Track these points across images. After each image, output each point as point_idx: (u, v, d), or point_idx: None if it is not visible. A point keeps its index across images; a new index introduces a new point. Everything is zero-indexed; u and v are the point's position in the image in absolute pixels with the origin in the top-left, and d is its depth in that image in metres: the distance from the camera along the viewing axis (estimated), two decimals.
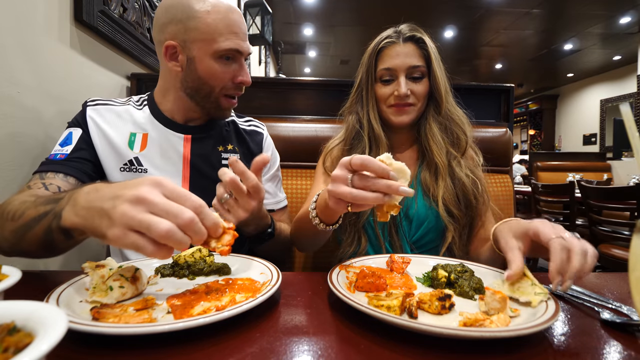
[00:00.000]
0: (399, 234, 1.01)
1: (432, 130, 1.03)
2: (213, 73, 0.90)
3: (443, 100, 1.02)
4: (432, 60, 0.99)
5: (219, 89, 0.92)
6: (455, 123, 1.06)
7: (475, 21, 6.03)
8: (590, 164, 5.22)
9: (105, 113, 0.96)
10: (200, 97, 0.94)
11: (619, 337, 0.48)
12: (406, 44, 1.00)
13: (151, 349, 0.43)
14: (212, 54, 0.88)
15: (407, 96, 0.99)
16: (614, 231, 2.55)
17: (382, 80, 1.02)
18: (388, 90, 1.01)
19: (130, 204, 0.46)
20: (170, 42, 0.88)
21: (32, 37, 1.02)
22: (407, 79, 1.00)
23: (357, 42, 7.11)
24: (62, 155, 0.88)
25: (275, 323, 0.50)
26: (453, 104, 1.07)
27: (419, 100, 1.01)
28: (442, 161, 1.01)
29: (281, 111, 1.67)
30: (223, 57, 0.90)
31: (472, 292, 0.60)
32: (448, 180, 1.01)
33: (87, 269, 0.58)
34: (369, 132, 1.05)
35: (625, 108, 0.40)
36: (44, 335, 0.28)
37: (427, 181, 1.03)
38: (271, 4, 4.18)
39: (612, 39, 6.84)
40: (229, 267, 0.70)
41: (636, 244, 0.39)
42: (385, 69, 1.00)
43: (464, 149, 1.05)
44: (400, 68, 0.99)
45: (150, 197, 0.47)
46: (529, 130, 11.69)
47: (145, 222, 0.45)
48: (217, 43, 0.87)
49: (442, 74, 1.02)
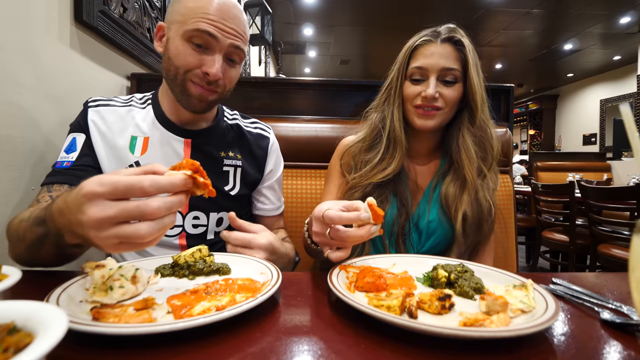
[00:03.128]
0: (406, 244, 0.99)
1: (466, 142, 0.97)
2: (178, 53, 0.85)
3: (479, 109, 0.96)
4: (470, 65, 0.93)
5: (184, 70, 0.86)
6: (487, 137, 1.00)
7: (475, 21, 6.03)
8: (590, 164, 5.22)
9: (106, 115, 0.94)
10: (169, 81, 0.90)
11: (619, 337, 0.48)
12: (443, 44, 0.94)
13: (151, 349, 0.43)
14: (181, 35, 0.84)
15: (434, 99, 0.93)
16: (614, 231, 2.55)
17: (412, 79, 0.97)
18: (416, 90, 0.96)
19: (97, 230, 0.46)
20: (161, 23, 0.89)
21: (32, 37, 1.02)
22: (439, 81, 0.94)
23: (357, 42, 7.12)
24: (67, 162, 0.87)
25: (275, 323, 0.50)
26: (488, 116, 1.01)
27: (447, 105, 0.95)
28: (472, 176, 0.96)
29: (281, 111, 1.67)
30: (192, 42, 0.84)
31: (472, 292, 0.60)
32: (473, 196, 0.97)
33: (87, 269, 0.57)
34: (390, 132, 1.00)
35: (625, 108, 0.40)
36: (44, 335, 0.29)
37: (450, 194, 0.98)
38: (271, 4, 4.19)
39: (612, 39, 6.84)
40: (229, 267, 0.70)
41: (636, 244, 0.39)
42: (416, 67, 0.95)
43: (489, 166, 1.00)
44: (432, 68, 0.93)
45: (103, 214, 0.45)
46: (529, 130, 11.68)
47: (123, 236, 0.46)
48: (187, 24, 0.83)
49: (480, 82, 0.96)
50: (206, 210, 0.97)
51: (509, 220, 1.36)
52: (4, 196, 0.94)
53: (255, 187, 1.07)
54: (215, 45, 0.85)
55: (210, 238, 0.99)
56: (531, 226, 3.82)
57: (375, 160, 1.00)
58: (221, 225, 1.00)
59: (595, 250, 2.62)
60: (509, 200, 1.38)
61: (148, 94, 1.02)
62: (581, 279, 0.72)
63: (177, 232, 0.95)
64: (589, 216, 2.67)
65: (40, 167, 1.05)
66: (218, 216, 0.99)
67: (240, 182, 1.02)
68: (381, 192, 0.99)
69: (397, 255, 0.80)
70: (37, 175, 1.04)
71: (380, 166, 0.99)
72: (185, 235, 0.95)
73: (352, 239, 0.64)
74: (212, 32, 0.83)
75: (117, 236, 0.46)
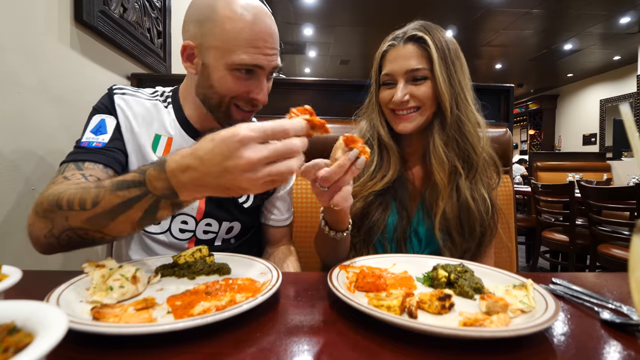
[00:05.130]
0: (407, 250, 0.98)
1: (435, 144, 0.93)
2: (225, 84, 0.83)
3: (447, 108, 0.90)
4: (434, 61, 0.89)
5: (229, 98, 0.84)
6: (466, 134, 0.93)
7: (475, 21, 6.03)
8: (590, 164, 5.21)
9: (134, 105, 0.90)
10: (210, 105, 0.87)
11: (619, 337, 0.48)
12: (406, 45, 0.92)
13: (151, 349, 0.43)
14: (226, 66, 0.81)
15: (403, 103, 0.91)
16: (614, 231, 2.55)
17: (384, 84, 0.96)
18: (389, 95, 0.94)
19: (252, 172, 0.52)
20: (189, 42, 0.83)
21: (33, 38, 1.02)
22: (409, 83, 0.92)
23: (357, 42, 7.12)
24: (98, 143, 0.83)
25: (275, 323, 0.50)
26: (467, 111, 0.93)
27: (423, 103, 0.92)
28: (441, 180, 0.92)
29: (281, 111, 1.66)
30: (240, 70, 0.82)
31: (472, 292, 0.60)
32: (451, 201, 0.93)
33: (87, 268, 0.58)
34: (378, 139, 0.98)
35: (625, 108, 0.40)
36: (44, 335, 0.28)
37: (428, 200, 0.97)
38: (271, 4, 4.18)
39: (612, 39, 6.84)
40: (229, 267, 0.70)
41: (636, 244, 0.39)
42: (385, 74, 0.95)
43: (475, 168, 0.94)
44: (398, 72, 0.92)
45: (255, 156, 0.51)
46: (528, 130, 11.68)
47: (276, 173, 0.53)
48: (233, 54, 0.79)
49: (450, 77, 0.91)
50: (219, 218, 0.96)
51: (509, 220, 1.36)
52: (3, 196, 0.94)
53: (268, 197, 1.05)
54: (261, 72, 0.84)
55: (217, 244, 0.98)
56: (531, 226, 3.82)
57: (372, 167, 0.98)
58: (230, 233, 1.00)
59: (595, 250, 2.62)
60: (508, 200, 1.38)
61: (168, 91, 0.98)
62: (581, 279, 0.72)
63: (188, 236, 0.94)
64: (589, 216, 2.67)
65: (40, 167, 1.05)
66: (229, 225, 0.98)
67: (254, 194, 1.00)
68: (382, 199, 0.97)
69: (397, 255, 0.80)
70: (37, 175, 1.04)
71: (379, 174, 0.97)
72: (195, 240, 0.95)
73: (336, 173, 0.65)
74: (262, 64, 0.81)
75: (271, 174, 0.53)
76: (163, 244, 0.93)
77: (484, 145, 0.96)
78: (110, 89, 0.91)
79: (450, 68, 0.91)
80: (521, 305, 0.53)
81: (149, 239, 0.93)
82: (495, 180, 1.01)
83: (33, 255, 0.71)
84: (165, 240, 0.93)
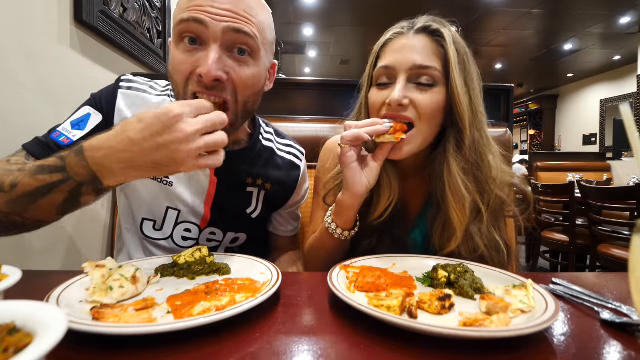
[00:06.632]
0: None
1: (451, 171, 0.73)
2: (172, 63, 0.73)
3: (466, 127, 0.72)
4: (451, 62, 0.71)
5: (183, 82, 0.72)
6: (485, 165, 0.75)
7: (475, 21, 6.02)
8: (590, 164, 5.22)
9: (137, 103, 0.84)
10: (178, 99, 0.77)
11: (619, 337, 0.48)
12: (417, 35, 0.74)
13: (151, 349, 0.43)
14: (174, 39, 0.71)
15: (401, 106, 0.71)
16: (614, 231, 2.55)
17: (378, 84, 0.77)
18: (382, 97, 0.74)
19: (188, 143, 0.55)
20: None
21: (32, 38, 1.02)
22: (411, 84, 0.73)
23: (357, 42, 7.11)
24: (66, 139, 0.76)
25: (275, 323, 0.50)
26: (486, 134, 0.76)
27: (421, 118, 0.72)
28: (460, 220, 0.72)
29: (281, 111, 1.67)
30: (184, 41, 0.70)
31: (472, 292, 0.60)
32: (466, 246, 0.76)
33: (87, 269, 0.57)
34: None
35: (625, 108, 0.41)
36: (44, 335, 0.28)
37: (434, 234, 0.79)
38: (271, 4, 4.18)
39: (612, 39, 6.83)
40: (229, 267, 0.70)
41: (636, 244, 0.39)
42: (383, 66, 0.74)
43: (487, 203, 0.75)
44: (401, 65, 0.72)
45: (190, 128, 0.55)
46: (528, 130, 11.68)
47: (210, 143, 0.57)
48: (176, 21, 0.71)
49: (469, 85, 0.73)
50: (224, 229, 0.94)
51: (509, 220, 1.36)
52: None
53: (277, 209, 1.03)
54: (207, 35, 0.68)
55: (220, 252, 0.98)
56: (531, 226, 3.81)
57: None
58: (235, 243, 0.98)
59: (595, 250, 2.62)
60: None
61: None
62: (581, 279, 0.72)
63: (191, 244, 0.92)
64: (589, 216, 2.67)
65: None
66: (234, 236, 0.96)
67: (262, 205, 0.97)
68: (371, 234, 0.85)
69: (397, 255, 0.79)
70: None
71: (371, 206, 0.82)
72: None
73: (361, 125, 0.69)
74: (198, 17, 0.67)
75: (207, 144, 0.57)
76: (165, 250, 0.92)
77: (500, 175, 0.77)
78: (117, 80, 0.87)
79: (471, 75, 0.75)
80: (521, 306, 0.53)
81: (151, 244, 0.92)
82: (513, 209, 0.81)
83: (35, 255, 0.71)
84: (167, 246, 0.92)
